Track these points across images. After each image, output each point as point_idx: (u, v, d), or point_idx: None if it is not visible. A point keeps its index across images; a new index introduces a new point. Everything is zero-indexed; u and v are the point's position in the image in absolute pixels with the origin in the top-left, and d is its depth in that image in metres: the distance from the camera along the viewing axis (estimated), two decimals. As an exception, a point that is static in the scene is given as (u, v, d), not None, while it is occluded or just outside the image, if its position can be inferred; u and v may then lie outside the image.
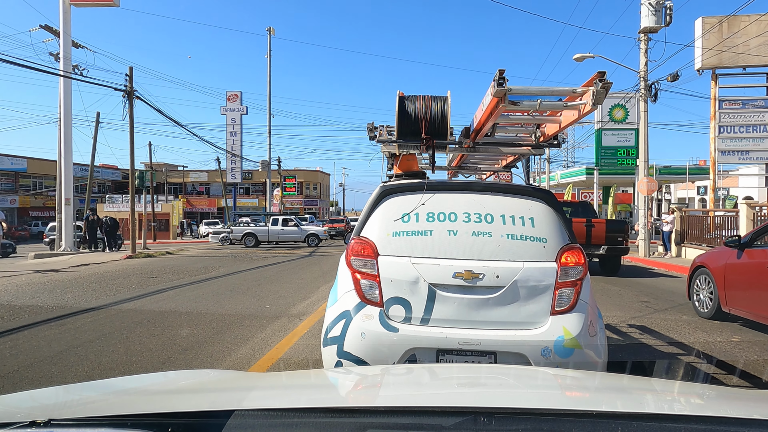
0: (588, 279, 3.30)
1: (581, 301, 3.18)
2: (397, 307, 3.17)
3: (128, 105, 20.62)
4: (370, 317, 3.15)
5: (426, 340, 3.06)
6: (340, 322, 3.19)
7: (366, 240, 3.35)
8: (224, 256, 20.02)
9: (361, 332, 3.10)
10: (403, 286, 3.18)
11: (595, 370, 3.06)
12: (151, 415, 1.36)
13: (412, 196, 3.45)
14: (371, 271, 3.25)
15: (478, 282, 3.13)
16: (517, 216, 3.33)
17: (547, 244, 3.27)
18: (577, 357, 3.01)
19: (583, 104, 3.72)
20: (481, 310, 3.12)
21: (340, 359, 3.13)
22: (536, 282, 3.14)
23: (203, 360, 5.11)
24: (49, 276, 13.01)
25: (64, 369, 4.79)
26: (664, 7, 18.22)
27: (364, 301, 3.21)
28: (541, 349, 3.00)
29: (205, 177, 63.11)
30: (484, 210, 3.35)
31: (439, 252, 3.24)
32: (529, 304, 3.13)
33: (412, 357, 3.05)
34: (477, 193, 3.47)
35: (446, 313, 3.12)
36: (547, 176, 40.76)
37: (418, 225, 3.35)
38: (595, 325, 3.18)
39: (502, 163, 5.96)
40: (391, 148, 4.68)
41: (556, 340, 3.02)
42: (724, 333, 6.52)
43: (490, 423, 1.29)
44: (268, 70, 49.02)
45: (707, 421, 1.37)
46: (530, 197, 3.44)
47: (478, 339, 3.03)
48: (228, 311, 7.75)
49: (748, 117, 20.29)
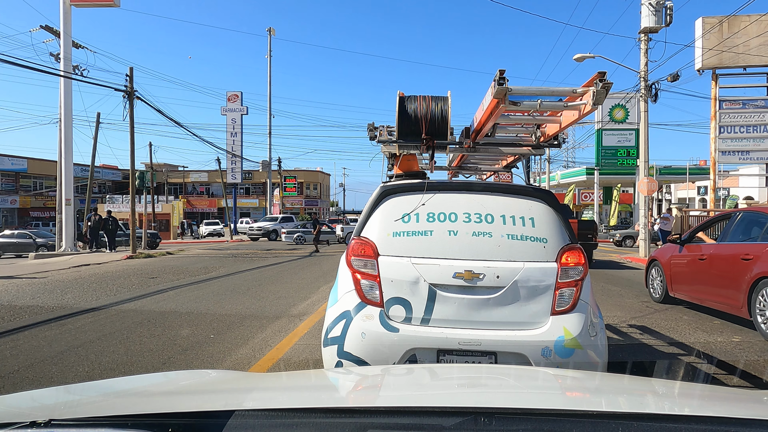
0: (588, 279, 3.29)
1: (582, 301, 3.16)
2: (397, 308, 3.16)
3: (128, 105, 20.62)
4: (371, 317, 3.13)
5: (426, 341, 3.04)
6: (341, 323, 3.18)
7: (366, 240, 3.33)
8: (224, 257, 20.03)
9: (361, 332, 3.09)
10: (403, 287, 3.17)
11: (596, 371, 3.05)
12: (151, 416, 1.36)
13: (412, 197, 3.43)
14: (371, 272, 3.23)
15: (479, 282, 3.11)
16: (517, 216, 3.31)
17: (548, 244, 3.25)
18: (577, 357, 3.00)
19: (583, 104, 3.72)
20: (482, 310, 3.10)
21: (340, 359, 3.12)
22: (536, 282, 3.13)
23: (204, 360, 5.11)
24: (50, 276, 13.01)
25: (65, 369, 4.79)
26: (665, 8, 18.23)
27: (364, 301, 3.19)
28: (541, 350, 2.99)
29: (206, 177, 63.15)
30: (485, 210, 3.34)
31: (440, 252, 3.23)
32: (530, 305, 3.11)
33: (413, 357, 3.04)
34: (477, 194, 3.45)
35: (446, 314, 3.11)
36: (547, 176, 40.76)
37: (418, 225, 3.34)
38: (595, 325, 3.18)
39: (503, 163, 5.99)
40: (392, 148, 4.68)
41: (557, 340, 3.01)
42: (724, 333, 6.52)
43: (491, 423, 1.28)
44: (269, 71, 49.20)
45: (707, 421, 1.36)
46: (530, 197, 3.42)
47: (478, 339, 3.01)
48: (228, 311, 7.76)
49: (748, 117, 20.30)
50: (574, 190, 43.69)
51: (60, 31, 21.77)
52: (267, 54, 48.39)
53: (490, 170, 6.66)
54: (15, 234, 27.24)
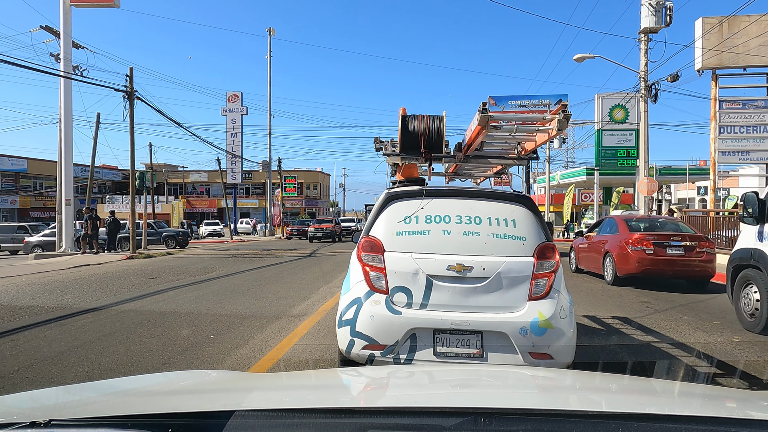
0: (561, 271, 3.85)
1: (554, 290, 3.72)
2: (400, 295, 3.69)
3: (128, 105, 20.61)
4: (378, 303, 3.67)
5: (424, 322, 3.57)
6: (353, 307, 3.73)
7: (374, 238, 3.90)
8: (225, 257, 20.03)
9: (370, 315, 3.63)
10: (405, 277, 3.71)
11: (566, 345, 3.60)
12: (151, 416, 1.36)
13: (412, 201, 3.98)
14: (378, 265, 3.78)
15: (468, 273, 3.66)
16: (501, 218, 3.87)
17: (526, 242, 3.81)
18: (549, 335, 3.53)
19: (551, 129, 4.34)
20: (470, 296, 3.64)
21: (352, 338, 3.66)
22: (516, 273, 3.68)
23: (203, 361, 5.11)
24: (50, 276, 13.01)
25: (65, 369, 4.79)
26: (664, 8, 18.24)
27: (372, 289, 3.74)
28: (519, 329, 3.52)
29: (206, 177, 63.12)
30: (474, 213, 3.88)
31: (436, 248, 3.77)
32: (510, 292, 3.65)
33: (413, 336, 3.56)
34: (467, 199, 4.00)
35: (441, 299, 3.65)
36: (547, 177, 40.73)
37: (417, 226, 3.86)
38: (565, 308, 3.71)
39: (493, 170, 6.69)
40: (395, 159, 5.25)
41: (532, 321, 3.54)
42: (724, 334, 6.52)
43: (491, 423, 1.29)
44: (269, 71, 49.14)
45: (707, 421, 1.36)
46: (513, 202, 3.99)
47: (467, 320, 3.54)
48: (228, 312, 7.76)
49: (748, 117, 20.28)
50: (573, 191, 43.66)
51: (60, 32, 21.75)
52: (267, 54, 48.36)
53: (483, 176, 7.29)
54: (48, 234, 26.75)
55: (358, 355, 3.65)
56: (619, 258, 11.14)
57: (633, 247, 10.82)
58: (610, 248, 11.56)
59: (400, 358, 3.57)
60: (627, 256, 10.92)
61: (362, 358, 3.64)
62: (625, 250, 11.00)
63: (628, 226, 11.67)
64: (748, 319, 6.77)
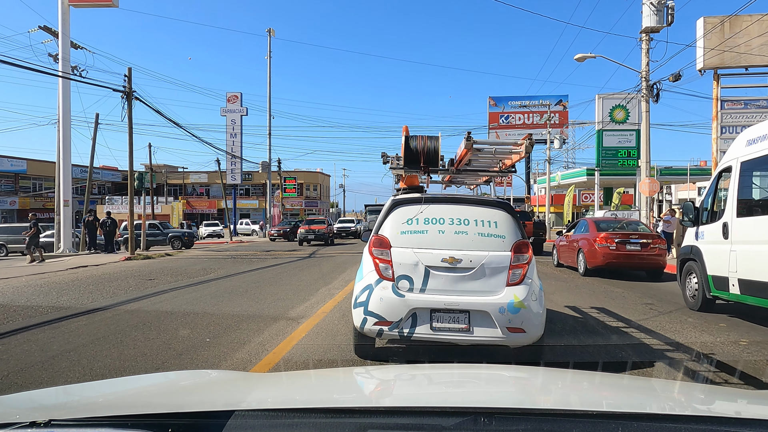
0: (533, 263, 4.71)
1: (527, 277, 4.57)
2: (403, 282, 4.58)
3: (127, 106, 20.52)
4: (386, 288, 4.56)
5: (423, 303, 4.46)
6: (366, 292, 4.62)
7: (383, 236, 4.82)
8: (223, 258, 19.94)
9: (380, 298, 4.53)
10: (407, 268, 4.59)
11: (536, 322, 4.41)
12: (151, 416, 1.37)
13: (414, 207, 4.88)
14: (386, 258, 4.68)
15: (458, 265, 4.53)
16: (485, 220, 4.76)
17: (505, 239, 4.69)
18: (522, 313, 4.37)
19: (521, 151, 5.48)
20: (460, 283, 4.52)
21: (365, 316, 4.54)
22: (497, 265, 4.54)
23: (199, 365, 4.99)
24: (47, 278, 12.92)
25: (55, 375, 4.69)
26: (666, 7, 18.15)
27: (381, 277, 4.63)
28: (498, 308, 4.36)
29: (205, 178, 63.09)
30: (463, 216, 4.78)
31: (432, 245, 4.67)
32: (492, 279, 4.52)
33: (414, 314, 4.43)
34: (459, 205, 4.94)
35: (436, 285, 4.54)
36: (547, 177, 40.61)
37: (418, 226, 4.75)
38: (536, 292, 4.56)
39: (483, 179, 7.65)
40: (399, 171, 6.20)
41: (509, 302, 4.40)
42: (723, 334, 6.43)
43: (491, 423, 1.29)
44: (268, 71, 49.07)
45: (707, 421, 1.37)
46: (495, 207, 4.90)
47: (457, 302, 4.41)
48: (226, 313, 7.65)
49: (750, 117, 20.18)
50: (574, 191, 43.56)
51: (58, 32, 21.69)
52: (267, 55, 48.28)
53: (474, 183, 8.31)
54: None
55: (370, 330, 4.55)
56: (589, 253, 13.18)
57: (599, 244, 12.85)
58: (582, 245, 13.63)
59: (404, 332, 4.42)
60: (595, 252, 12.92)
61: (373, 332, 4.56)
62: (593, 247, 13.00)
63: (597, 227, 13.72)
64: (690, 300, 8.45)
